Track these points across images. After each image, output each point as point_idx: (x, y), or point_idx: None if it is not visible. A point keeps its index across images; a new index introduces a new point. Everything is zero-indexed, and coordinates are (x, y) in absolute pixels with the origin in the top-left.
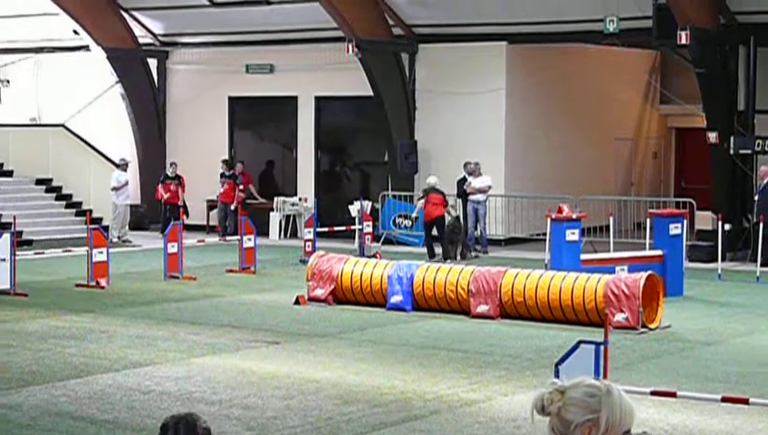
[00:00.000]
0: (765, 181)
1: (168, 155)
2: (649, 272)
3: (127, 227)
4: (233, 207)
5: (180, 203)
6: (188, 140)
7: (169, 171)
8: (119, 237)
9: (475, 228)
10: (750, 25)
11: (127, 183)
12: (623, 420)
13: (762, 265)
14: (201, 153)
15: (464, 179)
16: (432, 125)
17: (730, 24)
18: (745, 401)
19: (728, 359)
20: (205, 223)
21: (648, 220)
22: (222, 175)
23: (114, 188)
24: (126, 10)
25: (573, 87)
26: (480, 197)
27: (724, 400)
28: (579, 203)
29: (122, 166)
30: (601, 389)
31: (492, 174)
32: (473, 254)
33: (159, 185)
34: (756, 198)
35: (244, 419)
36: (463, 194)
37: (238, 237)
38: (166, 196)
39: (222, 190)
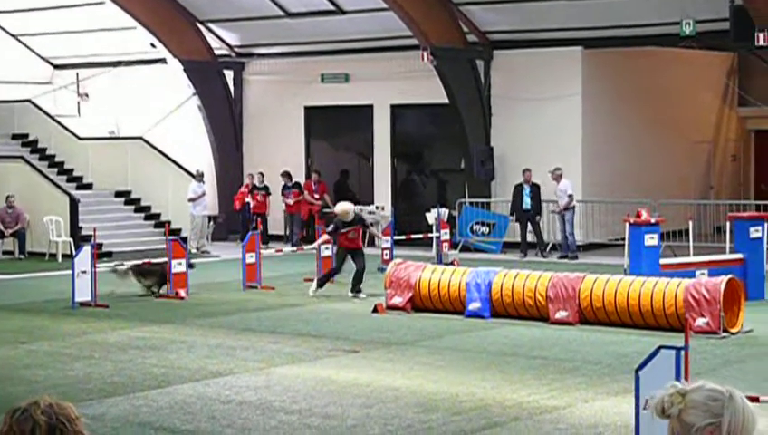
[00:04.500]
0: None
1: (246, 166)
2: (730, 276)
3: (206, 239)
4: (301, 217)
5: (267, 213)
6: (265, 150)
7: (257, 181)
8: (197, 248)
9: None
10: None
11: (204, 194)
12: (745, 427)
13: None
14: (278, 163)
15: (520, 186)
16: (508, 131)
17: None
18: None
19: None
20: (283, 233)
21: (728, 224)
22: (284, 187)
23: (191, 199)
24: (202, 22)
25: (650, 91)
26: (562, 202)
27: None
28: (657, 207)
29: (199, 177)
30: (724, 393)
31: (569, 179)
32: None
33: (247, 194)
34: None
35: (323, 427)
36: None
37: (315, 246)
38: (253, 204)
39: (289, 202)
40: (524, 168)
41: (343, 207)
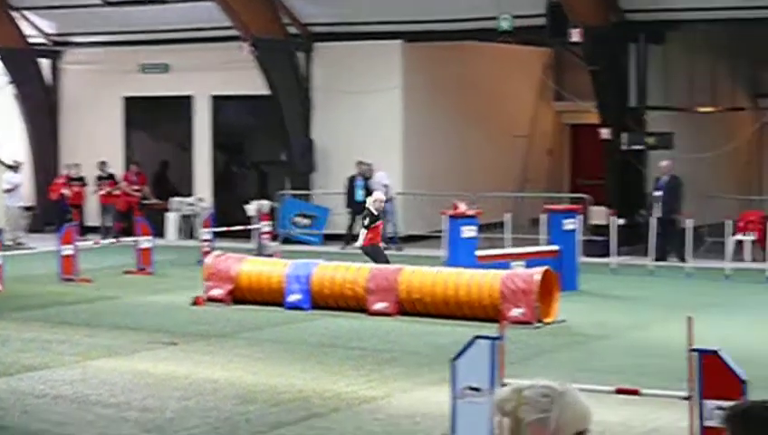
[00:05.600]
0: (667, 176)
1: (62, 156)
2: (545, 267)
3: (21, 230)
4: (117, 209)
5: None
6: (83, 140)
7: (72, 172)
8: (12, 240)
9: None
10: (640, 23)
11: (20, 185)
12: (574, 423)
13: (655, 259)
14: (96, 154)
15: (353, 178)
16: (329, 124)
17: (620, 21)
18: (636, 393)
19: (622, 351)
20: (100, 224)
21: (543, 216)
22: (99, 177)
23: (7, 190)
24: (16, 9)
25: (469, 85)
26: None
27: (619, 391)
28: (476, 200)
29: (15, 167)
30: (556, 389)
31: (389, 172)
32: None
33: (63, 185)
34: (657, 193)
35: (141, 421)
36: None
37: (134, 239)
38: (69, 196)
39: (102, 192)
40: (358, 160)
41: (380, 195)
